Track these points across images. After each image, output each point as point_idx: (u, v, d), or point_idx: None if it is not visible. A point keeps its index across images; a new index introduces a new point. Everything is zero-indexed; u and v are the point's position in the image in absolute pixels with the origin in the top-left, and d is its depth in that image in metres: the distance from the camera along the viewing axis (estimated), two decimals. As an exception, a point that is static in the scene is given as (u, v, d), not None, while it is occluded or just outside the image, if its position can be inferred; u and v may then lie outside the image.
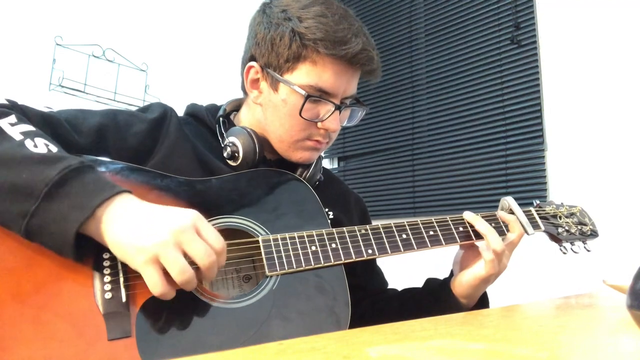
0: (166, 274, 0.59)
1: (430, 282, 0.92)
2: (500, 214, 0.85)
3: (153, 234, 0.58)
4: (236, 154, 0.83)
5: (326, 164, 2.73)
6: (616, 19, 1.74)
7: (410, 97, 2.40)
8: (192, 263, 0.59)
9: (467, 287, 0.82)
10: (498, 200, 0.94)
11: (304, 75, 0.82)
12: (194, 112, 0.93)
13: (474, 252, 0.84)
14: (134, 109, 0.88)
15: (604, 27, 1.77)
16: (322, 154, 0.96)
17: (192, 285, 0.60)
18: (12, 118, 0.64)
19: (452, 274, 0.89)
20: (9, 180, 0.57)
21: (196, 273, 0.60)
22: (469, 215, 0.84)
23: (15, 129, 0.63)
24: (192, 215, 0.61)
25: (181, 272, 0.58)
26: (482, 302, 0.88)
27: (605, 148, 1.72)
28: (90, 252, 0.61)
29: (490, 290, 0.86)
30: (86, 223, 0.58)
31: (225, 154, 0.84)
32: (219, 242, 0.62)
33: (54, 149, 0.62)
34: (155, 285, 0.58)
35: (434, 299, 0.87)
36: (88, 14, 2.34)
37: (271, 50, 0.83)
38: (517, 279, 1.81)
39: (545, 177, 1.88)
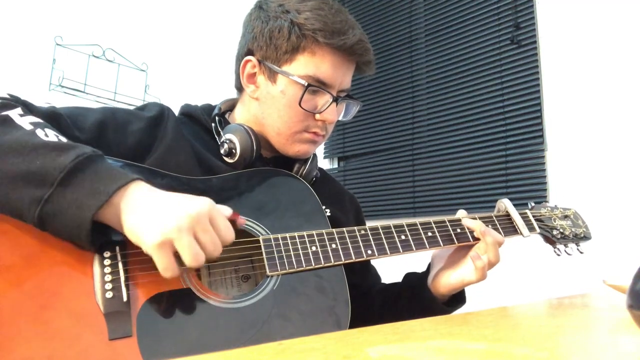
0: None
1: (409, 277, 0.94)
2: (472, 226, 0.83)
3: (170, 218, 0.58)
4: (233, 151, 0.84)
5: (326, 164, 2.73)
6: (616, 19, 1.74)
7: (410, 97, 2.39)
8: None
9: (450, 289, 0.83)
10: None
11: (302, 66, 0.83)
12: (189, 112, 0.93)
13: (462, 253, 0.83)
14: (132, 108, 0.88)
15: (604, 27, 1.77)
16: (320, 152, 0.97)
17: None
18: (19, 110, 0.65)
19: (428, 268, 0.90)
20: (22, 168, 0.58)
21: None
22: (469, 222, 0.83)
23: (24, 120, 0.64)
24: (208, 203, 0.62)
25: (194, 258, 0.59)
26: (459, 298, 0.88)
27: (605, 148, 1.72)
28: (91, 252, 0.61)
29: (491, 290, 0.87)
30: (102, 209, 0.58)
31: (222, 151, 0.84)
32: (229, 234, 0.63)
33: (63, 139, 0.63)
34: (167, 268, 0.59)
35: (412, 293, 0.88)
36: (88, 14, 2.34)
37: (269, 42, 0.84)
38: (517, 279, 1.81)
39: (545, 177, 1.88)
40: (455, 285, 0.83)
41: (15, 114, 0.64)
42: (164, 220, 0.58)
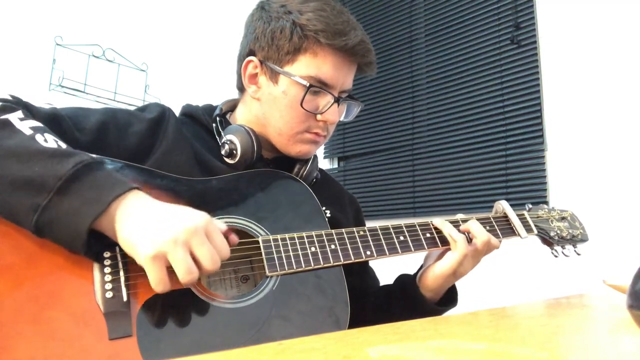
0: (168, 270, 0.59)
1: (401, 278, 0.94)
2: (464, 226, 0.84)
3: (165, 231, 0.58)
4: (234, 152, 0.84)
5: (326, 164, 2.73)
6: (616, 19, 1.74)
7: (410, 97, 2.39)
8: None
9: (435, 279, 0.83)
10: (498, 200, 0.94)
11: (304, 66, 0.83)
12: (190, 112, 0.93)
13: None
14: (132, 109, 0.88)
15: (604, 27, 1.77)
16: (320, 152, 0.97)
17: (192, 284, 0.61)
18: (20, 113, 0.65)
19: (420, 268, 0.90)
20: (20, 174, 0.57)
21: None
22: (437, 222, 0.84)
23: (24, 124, 0.63)
24: (205, 218, 0.62)
25: (188, 272, 0.58)
26: (451, 298, 0.89)
27: (605, 148, 1.72)
28: (91, 251, 0.61)
29: (491, 290, 0.87)
30: (99, 218, 0.58)
31: (223, 152, 0.84)
32: (225, 249, 0.63)
33: (63, 145, 0.62)
34: (159, 282, 0.58)
35: (403, 294, 0.88)
36: (88, 14, 2.34)
37: (271, 43, 0.84)
38: (517, 279, 1.81)
39: (545, 177, 1.87)
40: (439, 274, 0.82)
41: (15, 117, 0.63)
42: (159, 232, 0.58)
